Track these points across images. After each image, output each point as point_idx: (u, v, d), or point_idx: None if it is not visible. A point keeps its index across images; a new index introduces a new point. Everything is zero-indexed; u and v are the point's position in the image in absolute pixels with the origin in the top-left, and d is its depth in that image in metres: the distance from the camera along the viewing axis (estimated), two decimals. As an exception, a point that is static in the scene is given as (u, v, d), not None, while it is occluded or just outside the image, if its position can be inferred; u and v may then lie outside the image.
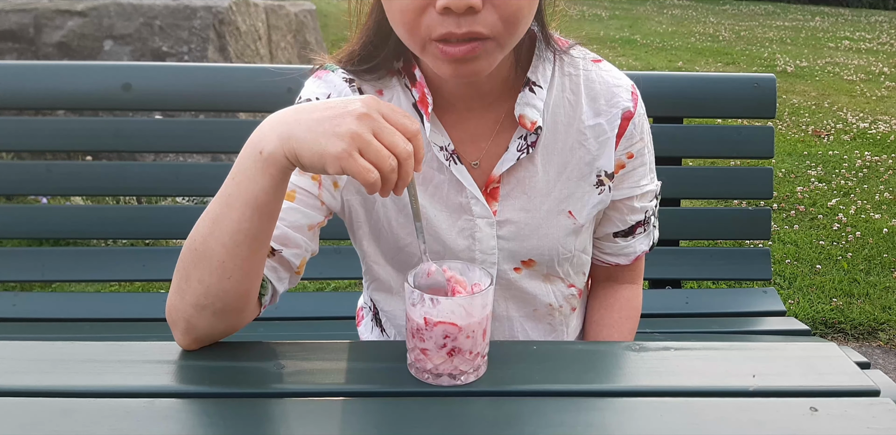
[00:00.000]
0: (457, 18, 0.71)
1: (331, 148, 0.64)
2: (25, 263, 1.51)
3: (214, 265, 0.73)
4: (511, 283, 0.94)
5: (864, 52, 8.22)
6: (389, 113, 0.67)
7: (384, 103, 0.67)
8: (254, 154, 0.69)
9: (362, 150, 0.64)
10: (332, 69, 0.90)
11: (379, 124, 0.65)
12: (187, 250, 0.75)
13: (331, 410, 0.70)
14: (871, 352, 2.38)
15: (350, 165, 0.64)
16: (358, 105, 0.66)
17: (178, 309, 0.77)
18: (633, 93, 0.92)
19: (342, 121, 0.65)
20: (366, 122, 0.65)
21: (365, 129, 0.65)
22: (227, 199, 0.71)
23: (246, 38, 3.56)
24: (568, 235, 0.92)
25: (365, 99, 0.67)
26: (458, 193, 0.89)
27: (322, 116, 0.66)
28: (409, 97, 0.88)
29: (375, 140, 0.65)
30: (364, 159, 0.64)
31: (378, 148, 0.65)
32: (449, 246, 0.90)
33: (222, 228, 0.72)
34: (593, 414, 0.70)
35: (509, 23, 0.73)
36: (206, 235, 0.73)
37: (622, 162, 0.93)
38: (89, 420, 0.67)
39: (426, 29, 0.73)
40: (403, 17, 0.74)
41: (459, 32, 0.72)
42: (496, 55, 0.76)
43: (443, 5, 0.70)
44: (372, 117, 0.65)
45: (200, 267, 0.74)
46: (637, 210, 0.97)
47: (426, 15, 0.72)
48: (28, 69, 1.45)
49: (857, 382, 0.76)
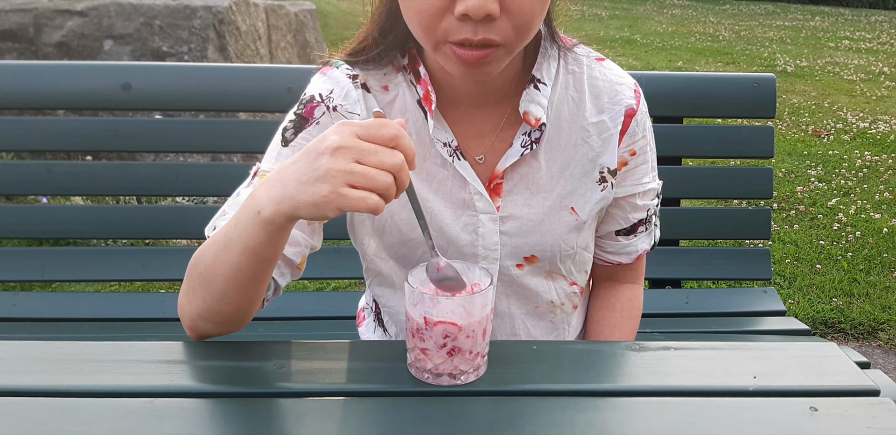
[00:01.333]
0: (474, 25, 0.73)
1: (319, 194, 0.64)
2: (25, 263, 1.51)
3: (216, 291, 0.76)
4: (513, 279, 0.94)
5: (865, 51, 8.22)
6: (363, 132, 0.65)
7: (356, 124, 0.66)
8: (252, 213, 0.69)
9: (350, 182, 0.64)
10: (336, 65, 0.90)
11: (359, 149, 0.64)
12: (193, 269, 0.78)
13: (331, 410, 0.70)
14: (871, 352, 2.38)
15: (344, 203, 0.64)
16: (331, 141, 0.64)
17: (184, 311, 0.81)
18: (635, 90, 0.93)
19: (319, 163, 0.64)
20: (342, 154, 0.64)
21: (344, 162, 0.64)
22: (227, 241, 0.73)
23: (246, 37, 3.56)
24: (570, 232, 0.92)
25: (337, 129, 0.66)
26: (462, 189, 0.89)
27: (301, 166, 0.66)
28: (414, 94, 0.89)
29: (360, 166, 0.64)
30: (357, 190, 0.64)
31: (365, 173, 0.64)
32: (453, 241, 0.90)
33: (223, 264, 0.74)
34: (593, 414, 0.70)
35: (521, 31, 0.76)
36: (209, 265, 0.75)
37: (625, 159, 0.94)
38: (89, 420, 0.67)
39: (443, 32, 0.75)
40: (421, 19, 0.75)
41: (476, 39, 0.73)
42: (505, 59, 0.79)
43: (462, 12, 0.71)
44: (347, 147, 0.64)
45: (203, 288, 0.77)
46: (639, 208, 0.98)
47: (444, 19, 0.74)
48: (28, 69, 1.45)
49: (857, 381, 0.76)
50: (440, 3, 0.73)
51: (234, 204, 0.85)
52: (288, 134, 0.87)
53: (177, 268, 1.51)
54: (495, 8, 0.71)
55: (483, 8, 0.70)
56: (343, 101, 0.88)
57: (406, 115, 0.89)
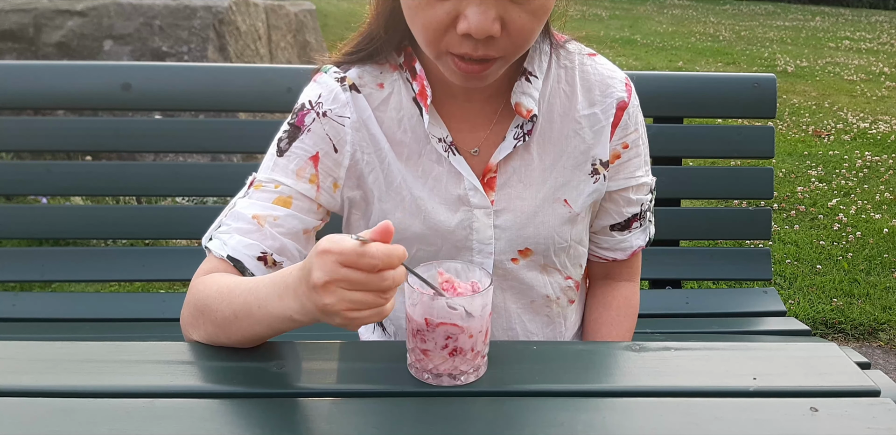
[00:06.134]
0: (475, 43, 0.75)
1: (334, 322, 0.66)
2: (25, 263, 1.51)
3: (224, 335, 0.78)
4: (508, 273, 0.94)
5: (865, 52, 8.22)
6: (346, 260, 0.62)
7: (335, 252, 0.63)
8: (284, 316, 0.70)
9: (352, 308, 0.64)
10: (325, 70, 0.91)
11: (347, 281, 0.63)
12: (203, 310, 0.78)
13: (331, 411, 0.70)
14: (872, 352, 2.38)
15: (359, 324, 0.66)
16: (315, 278, 0.63)
17: (185, 328, 0.82)
18: (627, 84, 0.94)
19: (315, 299, 0.64)
20: (332, 289, 0.63)
21: (338, 297, 0.63)
22: (248, 313, 0.73)
23: (246, 38, 3.56)
24: (563, 224, 0.93)
25: (317, 261, 0.64)
26: (457, 185, 0.90)
27: (303, 298, 0.66)
28: (410, 91, 0.89)
29: (356, 293, 0.63)
30: (363, 311, 0.64)
31: (363, 300, 0.64)
32: (448, 238, 0.91)
33: (240, 329, 0.75)
34: (593, 414, 0.69)
35: (519, 45, 0.78)
36: (225, 319, 0.76)
37: (617, 152, 0.95)
38: (89, 420, 0.67)
39: (445, 44, 0.77)
40: (426, 32, 0.77)
41: (476, 55, 0.76)
42: (502, 69, 0.81)
43: (464, 32, 0.73)
44: (335, 280, 0.63)
45: (212, 327, 0.78)
46: (633, 202, 0.98)
47: (447, 34, 0.76)
48: (28, 69, 1.45)
49: (857, 382, 0.75)
50: (444, 18, 0.74)
51: (232, 216, 0.86)
52: (282, 144, 0.88)
53: (177, 268, 1.52)
54: (497, 29, 0.74)
55: (485, 30, 0.73)
56: (332, 105, 0.88)
57: (401, 112, 0.89)
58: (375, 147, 0.89)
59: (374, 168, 0.90)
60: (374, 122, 0.89)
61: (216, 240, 0.85)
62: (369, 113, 0.89)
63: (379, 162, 0.90)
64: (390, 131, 0.89)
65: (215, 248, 0.84)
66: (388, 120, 0.89)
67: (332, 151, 0.89)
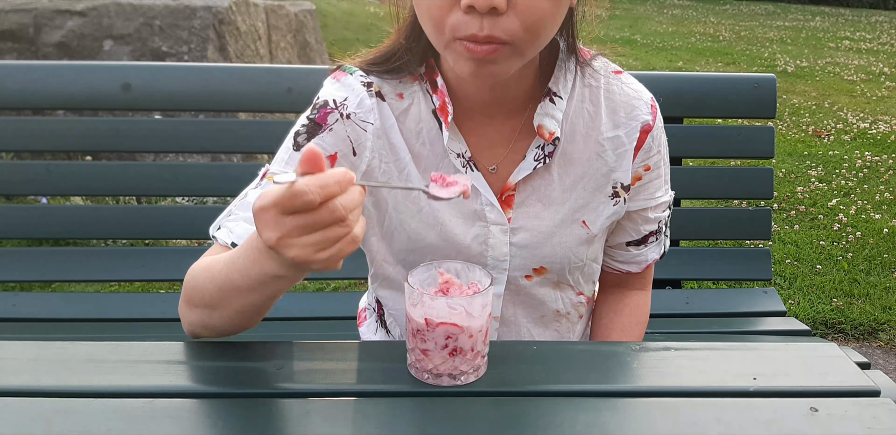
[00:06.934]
0: (480, 20, 0.72)
1: (311, 268, 0.63)
2: (25, 263, 1.51)
3: (217, 314, 0.77)
4: (521, 288, 0.94)
5: (865, 52, 8.22)
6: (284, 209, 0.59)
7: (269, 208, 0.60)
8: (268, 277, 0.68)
9: (318, 249, 0.61)
10: (350, 71, 0.89)
11: (296, 227, 0.59)
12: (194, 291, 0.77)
13: (331, 411, 0.70)
14: (872, 352, 2.38)
15: (330, 265, 0.62)
16: (266, 238, 0.61)
17: (183, 317, 0.81)
18: (652, 106, 0.92)
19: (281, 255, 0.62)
20: (287, 243, 0.60)
21: (300, 245, 0.60)
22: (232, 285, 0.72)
23: (246, 38, 3.56)
24: (581, 245, 0.92)
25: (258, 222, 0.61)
26: (474, 200, 0.89)
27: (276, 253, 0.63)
28: (430, 103, 0.88)
29: (312, 236, 0.60)
30: (328, 250, 0.61)
31: (322, 239, 0.60)
32: (462, 252, 0.90)
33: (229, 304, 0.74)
34: (593, 414, 0.69)
35: (530, 31, 0.74)
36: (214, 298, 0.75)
37: (639, 174, 0.93)
38: (89, 420, 0.67)
39: (451, 28, 0.74)
40: (431, 14, 0.75)
41: (481, 35, 0.72)
42: (514, 60, 0.77)
43: (467, 4, 0.71)
44: (285, 235, 0.60)
45: (204, 309, 0.77)
46: (651, 220, 0.98)
47: (452, 14, 0.73)
48: (28, 69, 1.45)
49: (857, 382, 0.75)
50: None
51: (241, 206, 0.85)
52: (300, 139, 0.87)
53: (177, 268, 1.52)
54: (501, 2, 0.71)
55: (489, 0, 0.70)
56: (357, 109, 0.87)
57: (420, 124, 0.88)
58: (395, 156, 0.88)
59: (392, 177, 0.89)
60: (396, 132, 0.88)
61: (223, 228, 0.85)
62: (392, 121, 0.88)
63: (398, 171, 0.89)
64: (409, 142, 0.88)
65: (221, 236, 0.84)
66: (406, 131, 0.88)
67: (350, 154, 0.88)
